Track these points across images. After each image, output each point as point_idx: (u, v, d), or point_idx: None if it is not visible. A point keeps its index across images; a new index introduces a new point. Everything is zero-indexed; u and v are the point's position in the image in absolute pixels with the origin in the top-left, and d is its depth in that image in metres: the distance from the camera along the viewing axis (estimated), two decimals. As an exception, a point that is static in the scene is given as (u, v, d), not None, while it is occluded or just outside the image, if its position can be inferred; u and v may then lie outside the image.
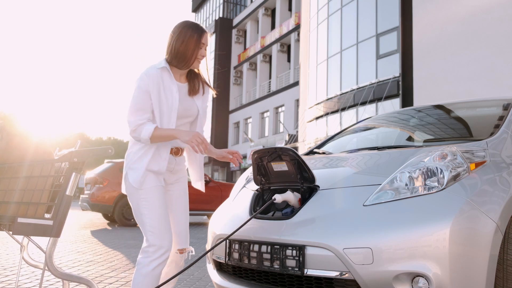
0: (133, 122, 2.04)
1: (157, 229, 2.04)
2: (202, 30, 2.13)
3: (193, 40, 2.10)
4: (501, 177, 2.03)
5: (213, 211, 8.77)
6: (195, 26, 2.13)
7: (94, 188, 9.12)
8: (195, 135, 2.02)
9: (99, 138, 62.91)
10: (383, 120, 3.67)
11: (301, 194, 2.13)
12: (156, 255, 2.02)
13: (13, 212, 2.16)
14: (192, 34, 2.09)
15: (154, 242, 2.03)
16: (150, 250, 2.02)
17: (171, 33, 2.14)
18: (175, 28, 2.13)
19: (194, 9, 45.78)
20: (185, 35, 2.09)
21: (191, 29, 2.11)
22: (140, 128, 2.04)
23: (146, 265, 2.01)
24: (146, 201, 2.07)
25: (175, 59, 2.11)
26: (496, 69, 12.89)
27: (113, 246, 5.66)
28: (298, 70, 27.25)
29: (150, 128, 2.02)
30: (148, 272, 2.00)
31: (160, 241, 2.03)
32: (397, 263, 1.70)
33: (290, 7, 31.61)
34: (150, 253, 2.02)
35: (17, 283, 3.23)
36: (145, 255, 2.03)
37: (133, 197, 2.11)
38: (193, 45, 2.10)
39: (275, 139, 29.29)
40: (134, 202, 2.11)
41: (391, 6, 16.82)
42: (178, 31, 2.11)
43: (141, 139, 2.05)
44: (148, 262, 2.01)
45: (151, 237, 2.04)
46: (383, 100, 16.53)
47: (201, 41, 2.12)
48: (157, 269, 2.02)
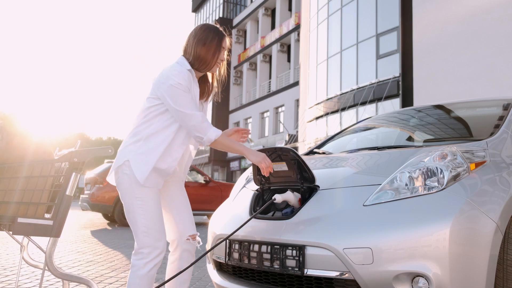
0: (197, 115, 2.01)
1: (152, 230, 2.00)
2: (223, 34, 2.14)
3: (214, 44, 2.10)
4: (501, 177, 2.03)
5: (213, 211, 8.77)
6: (216, 29, 2.13)
7: (94, 188, 9.12)
8: (264, 159, 2.07)
9: (99, 138, 62.94)
10: (383, 120, 3.67)
11: (301, 194, 2.13)
12: (151, 257, 1.98)
13: (13, 212, 2.16)
14: (213, 38, 2.10)
15: (149, 243, 1.99)
16: (145, 251, 1.98)
17: (191, 35, 2.13)
18: (196, 31, 2.13)
19: (194, 9, 45.78)
20: (206, 38, 2.09)
21: (212, 32, 2.11)
22: (205, 126, 2.03)
23: (142, 268, 1.97)
24: (141, 200, 2.01)
25: (196, 61, 2.10)
26: (496, 69, 12.89)
27: (113, 246, 5.66)
28: (298, 70, 27.25)
29: (218, 131, 2.03)
30: (144, 274, 1.97)
31: (154, 242, 2.00)
32: (397, 263, 1.70)
33: (290, 7, 31.61)
34: (145, 254, 1.98)
35: (17, 283, 3.23)
36: (140, 256, 1.99)
37: (127, 193, 2.03)
38: (214, 48, 2.10)
39: (275, 139, 29.30)
40: (127, 198, 2.03)
41: (391, 6, 16.82)
42: (199, 34, 2.10)
43: (202, 138, 2.03)
44: (143, 264, 1.97)
45: (146, 238, 1.99)
46: (383, 100, 16.53)
47: (221, 45, 2.12)
48: (153, 270, 1.99)
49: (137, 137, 2.07)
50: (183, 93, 2.00)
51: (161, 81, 2.03)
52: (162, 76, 2.05)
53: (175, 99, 2.00)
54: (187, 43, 2.13)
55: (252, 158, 2.07)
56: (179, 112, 2.01)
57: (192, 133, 2.04)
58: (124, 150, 2.08)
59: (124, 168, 2.04)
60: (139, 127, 2.08)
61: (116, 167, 2.07)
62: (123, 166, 2.04)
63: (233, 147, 2.09)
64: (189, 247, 2.21)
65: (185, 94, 2.01)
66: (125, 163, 2.04)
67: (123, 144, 2.11)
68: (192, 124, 2.01)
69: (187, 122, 2.02)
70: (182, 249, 2.19)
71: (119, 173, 2.06)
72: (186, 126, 2.04)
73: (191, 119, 2.01)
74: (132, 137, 2.09)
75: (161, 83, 2.03)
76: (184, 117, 2.01)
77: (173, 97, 2.00)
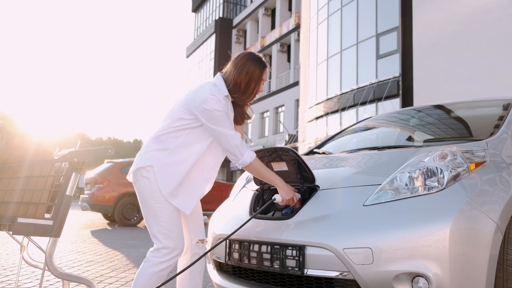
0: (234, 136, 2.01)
1: (173, 233, 2.02)
2: (265, 65, 2.11)
3: (255, 76, 2.08)
4: (501, 177, 2.03)
5: (213, 211, 8.76)
6: (259, 60, 2.11)
7: (94, 188, 9.12)
8: (294, 196, 2.07)
9: (99, 138, 62.94)
10: (383, 120, 3.67)
11: (301, 194, 2.13)
12: (168, 257, 2.01)
13: (13, 212, 2.16)
14: (255, 69, 2.08)
15: (169, 244, 2.01)
16: (164, 251, 2.01)
17: (234, 62, 2.10)
18: (239, 58, 2.10)
19: (194, 9, 45.78)
20: (249, 68, 2.07)
21: (255, 63, 2.08)
22: (242, 147, 2.03)
23: (156, 265, 2.00)
24: (161, 203, 2.01)
25: (235, 89, 2.07)
26: (496, 69, 12.89)
27: (113, 246, 5.66)
28: (298, 70, 27.25)
29: (253, 154, 2.05)
30: (155, 272, 1.99)
31: (174, 244, 2.02)
32: (397, 263, 1.70)
33: (290, 7, 31.60)
34: (163, 254, 2.00)
35: (17, 283, 3.23)
36: (157, 254, 2.01)
37: (148, 197, 2.03)
38: (255, 82, 2.09)
39: (275, 139, 29.29)
40: (148, 201, 2.03)
41: (391, 6, 16.82)
42: (242, 63, 2.08)
43: (238, 160, 2.03)
44: (158, 262, 2.00)
45: (166, 240, 2.01)
46: (383, 100, 16.52)
47: (262, 77, 2.10)
48: (166, 270, 2.01)
49: (162, 145, 2.05)
50: (219, 116, 2.00)
51: (197, 102, 2.01)
52: (198, 96, 2.01)
53: (211, 120, 2.00)
54: (229, 67, 2.11)
55: (283, 194, 2.06)
56: (215, 131, 2.00)
57: (228, 153, 2.04)
58: (146, 155, 2.05)
59: (144, 172, 2.03)
60: (165, 135, 2.06)
61: (135, 169, 2.06)
62: (143, 170, 2.03)
63: (267, 175, 2.09)
64: (198, 250, 2.23)
65: (222, 116, 2.00)
66: (147, 168, 2.02)
67: (144, 148, 2.09)
68: (229, 144, 2.01)
69: (223, 142, 2.02)
70: (192, 252, 2.21)
71: (138, 175, 2.05)
72: (222, 146, 2.04)
73: (228, 139, 2.01)
74: (157, 143, 2.06)
75: (197, 104, 2.01)
76: (221, 136, 2.01)
77: (209, 119, 2.00)
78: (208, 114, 1.99)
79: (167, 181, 2.00)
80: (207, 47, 40.03)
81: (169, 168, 2.01)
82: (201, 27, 43.93)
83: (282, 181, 2.09)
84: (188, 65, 45.75)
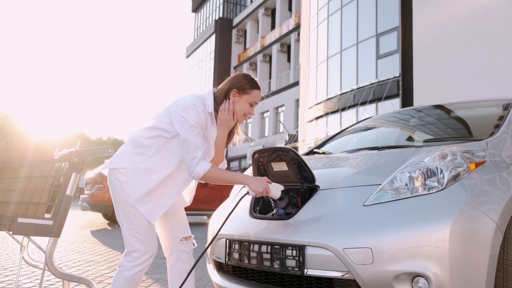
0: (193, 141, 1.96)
1: (145, 236, 2.00)
2: (257, 85, 2.11)
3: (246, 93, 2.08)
4: (501, 177, 2.03)
5: (213, 211, 8.76)
6: (252, 79, 2.11)
7: (94, 188, 9.11)
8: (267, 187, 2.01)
9: (99, 138, 62.85)
10: (383, 120, 3.67)
11: (301, 194, 2.13)
12: (139, 261, 2.00)
13: (13, 212, 2.16)
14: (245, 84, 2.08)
15: (139, 247, 1.99)
16: (135, 255, 1.99)
17: (228, 79, 2.12)
18: (234, 76, 2.12)
19: (194, 9, 45.78)
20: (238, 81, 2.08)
21: (246, 79, 2.09)
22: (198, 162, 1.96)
23: (129, 270, 1.99)
24: (133, 207, 1.98)
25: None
26: (496, 69, 12.89)
27: (113, 246, 5.66)
28: (298, 70, 27.25)
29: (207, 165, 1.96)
30: (130, 276, 1.98)
31: (146, 247, 2.00)
32: (397, 263, 1.70)
33: (290, 7, 31.60)
34: (134, 258, 1.99)
35: (17, 283, 3.23)
36: (129, 259, 2.00)
37: (119, 198, 2.00)
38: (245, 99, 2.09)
39: (275, 139, 29.29)
40: (120, 204, 2.00)
41: (391, 6, 16.83)
42: (233, 77, 2.10)
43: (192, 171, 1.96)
44: (131, 267, 1.99)
45: (137, 243, 1.99)
46: (383, 100, 16.53)
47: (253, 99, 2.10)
48: (139, 274, 2.01)
49: (140, 149, 2.03)
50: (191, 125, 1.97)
51: (177, 108, 2.00)
52: (180, 104, 2.01)
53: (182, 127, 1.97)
54: (222, 84, 2.12)
55: (253, 189, 1.99)
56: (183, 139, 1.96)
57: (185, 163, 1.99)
58: (122, 156, 2.03)
59: (117, 173, 2.01)
60: (145, 140, 2.03)
61: (110, 167, 2.03)
62: (117, 171, 2.01)
63: (230, 178, 2.02)
64: (184, 247, 2.20)
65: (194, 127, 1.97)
66: (120, 170, 2.00)
67: (122, 148, 2.08)
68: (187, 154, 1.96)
69: (183, 151, 1.98)
70: (178, 251, 2.19)
71: (112, 176, 2.03)
72: (182, 155, 2.00)
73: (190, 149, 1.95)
74: (136, 147, 2.04)
75: (177, 110, 1.99)
76: (184, 144, 1.97)
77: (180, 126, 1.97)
78: (182, 122, 1.96)
79: (138, 187, 1.98)
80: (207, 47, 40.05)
81: (143, 174, 1.99)
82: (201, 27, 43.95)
83: (249, 177, 2.03)
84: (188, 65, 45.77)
